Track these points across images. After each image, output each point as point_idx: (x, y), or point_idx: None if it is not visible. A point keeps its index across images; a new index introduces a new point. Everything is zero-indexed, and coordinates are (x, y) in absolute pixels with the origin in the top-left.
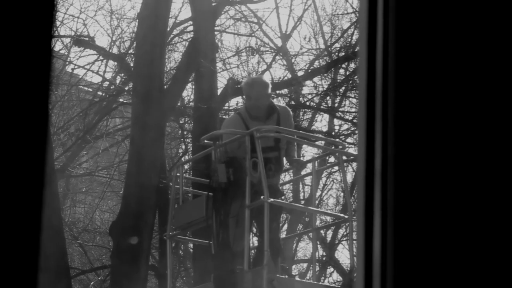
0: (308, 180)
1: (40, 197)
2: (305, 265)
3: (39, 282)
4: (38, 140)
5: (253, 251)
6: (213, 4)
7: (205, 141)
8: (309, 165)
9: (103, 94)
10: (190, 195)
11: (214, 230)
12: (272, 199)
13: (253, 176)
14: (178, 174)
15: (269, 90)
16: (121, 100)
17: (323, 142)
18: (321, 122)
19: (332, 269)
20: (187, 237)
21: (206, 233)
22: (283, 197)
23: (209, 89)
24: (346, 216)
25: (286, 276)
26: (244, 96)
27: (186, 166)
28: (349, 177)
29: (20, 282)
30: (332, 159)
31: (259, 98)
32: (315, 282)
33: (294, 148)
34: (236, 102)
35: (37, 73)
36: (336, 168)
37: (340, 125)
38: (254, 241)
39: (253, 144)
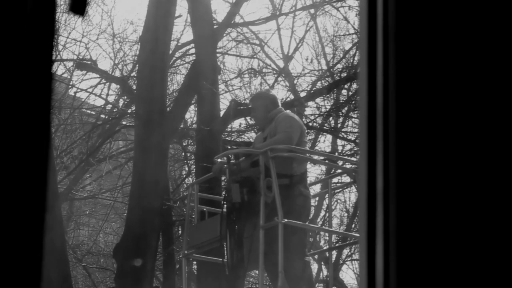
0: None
1: (42, 221)
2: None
3: None
4: (40, 164)
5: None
6: (215, 26)
7: (219, 160)
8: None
9: (106, 117)
10: (205, 209)
11: (228, 250)
12: (286, 220)
13: (268, 196)
14: (193, 192)
15: (265, 102)
16: (124, 122)
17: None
18: (324, 143)
19: None
20: (202, 256)
21: (220, 253)
22: None
23: (212, 111)
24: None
25: None
26: None
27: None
28: (353, 198)
29: None
30: (335, 180)
31: (253, 110)
32: None
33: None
34: (239, 123)
35: (38, 97)
36: (338, 188)
37: (343, 146)
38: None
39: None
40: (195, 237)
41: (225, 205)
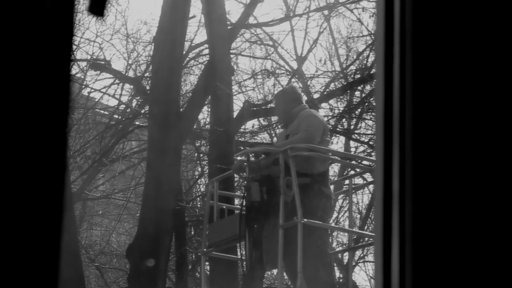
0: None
1: (60, 222)
2: None
3: None
4: (57, 164)
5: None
6: (229, 27)
7: (238, 158)
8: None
9: (119, 117)
10: (224, 206)
11: (247, 249)
12: (305, 220)
13: (287, 195)
14: (212, 189)
15: (287, 99)
16: (137, 123)
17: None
18: (337, 144)
19: None
20: (221, 254)
21: (238, 252)
22: None
23: (225, 111)
24: None
25: None
26: None
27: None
28: (366, 199)
29: None
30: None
31: (276, 106)
32: None
33: None
34: (252, 124)
35: (56, 98)
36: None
37: (356, 147)
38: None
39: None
40: (214, 235)
41: (244, 204)
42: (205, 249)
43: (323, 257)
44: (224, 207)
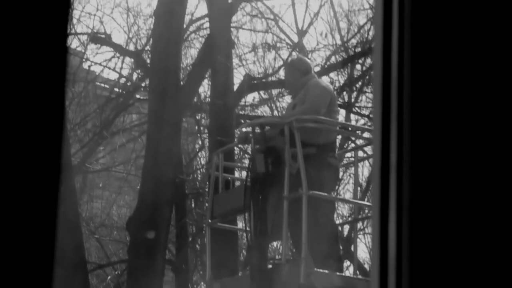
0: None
1: (56, 192)
2: None
3: (55, 277)
4: (55, 137)
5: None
6: (229, 1)
7: (244, 129)
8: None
9: (120, 91)
10: (229, 178)
11: (252, 220)
12: (311, 191)
13: (292, 167)
14: (217, 160)
15: (294, 69)
16: (137, 96)
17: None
18: (338, 117)
19: (349, 263)
20: (225, 225)
21: (244, 223)
22: None
23: (226, 85)
24: None
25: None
26: None
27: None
28: (366, 172)
29: (36, 277)
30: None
31: (284, 77)
32: (355, 276)
33: None
34: (253, 97)
35: (53, 70)
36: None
37: (357, 120)
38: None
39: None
40: (220, 206)
41: (249, 175)
42: (210, 220)
43: (328, 229)
44: (229, 178)
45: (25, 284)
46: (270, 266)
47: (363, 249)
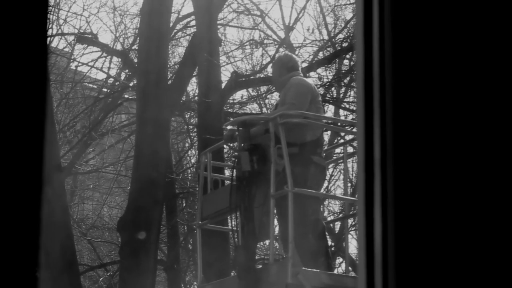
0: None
1: (39, 193)
2: None
3: (43, 280)
4: (36, 137)
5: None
6: None
7: (228, 127)
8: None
9: (108, 91)
10: (218, 178)
11: (239, 220)
12: (296, 188)
13: (278, 164)
14: (206, 160)
15: (278, 66)
16: (126, 96)
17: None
18: (326, 113)
19: (341, 259)
20: (215, 226)
21: (231, 222)
22: None
23: (213, 83)
24: None
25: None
26: None
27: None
28: (356, 167)
29: (20, 279)
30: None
31: (272, 73)
32: (344, 274)
33: None
34: (241, 95)
35: (33, 70)
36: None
37: (346, 116)
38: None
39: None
40: (208, 207)
41: (235, 174)
42: (200, 221)
43: (314, 226)
44: (218, 178)
45: (9, 286)
46: (260, 266)
47: (355, 245)
